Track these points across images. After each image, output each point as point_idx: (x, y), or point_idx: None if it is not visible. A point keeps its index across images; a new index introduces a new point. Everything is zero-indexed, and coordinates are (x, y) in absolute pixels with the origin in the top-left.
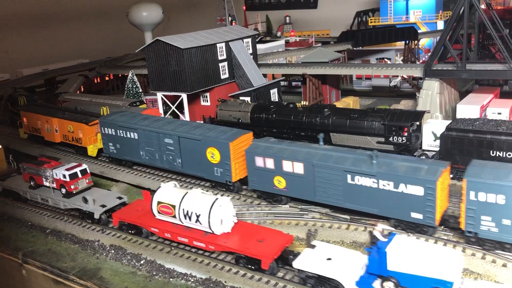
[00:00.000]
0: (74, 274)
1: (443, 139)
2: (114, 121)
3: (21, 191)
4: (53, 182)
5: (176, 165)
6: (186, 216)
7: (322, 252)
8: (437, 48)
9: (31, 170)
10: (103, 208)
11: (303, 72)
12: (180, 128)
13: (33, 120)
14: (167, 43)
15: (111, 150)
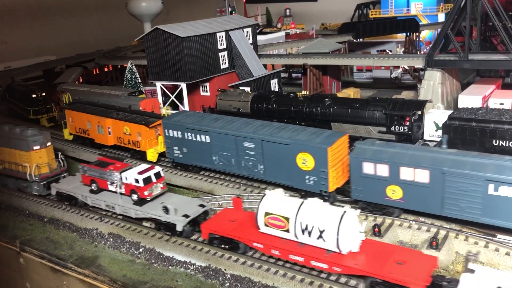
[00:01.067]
0: (72, 262)
1: (446, 128)
2: (181, 122)
3: (80, 195)
4: (121, 187)
5: (256, 172)
6: (304, 231)
7: (485, 279)
8: (439, 38)
9: (94, 173)
10: (186, 218)
11: (304, 63)
12: (262, 130)
13: (81, 120)
14: (167, 31)
15: (175, 154)
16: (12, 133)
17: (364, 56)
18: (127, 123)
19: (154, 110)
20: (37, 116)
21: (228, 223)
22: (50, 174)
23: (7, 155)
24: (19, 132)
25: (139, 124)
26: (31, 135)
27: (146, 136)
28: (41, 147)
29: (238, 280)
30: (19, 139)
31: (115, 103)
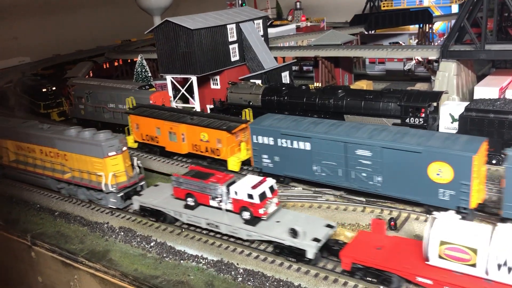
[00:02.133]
0: (83, 256)
1: (462, 120)
2: (274, 127)
3: (172, 211)
4: (228, 203)
5: (372, 184)
6: (500, 266)
7: None
8: (455, 28)
9: (191, 185)
10: (317, 243)
11: (316, 55)
12: (379, 135)
13: (148, 126)
14: (177, 24)
15: (264, 163)
16: (81, 137)
17: (378, 48)
18: (205, 129)
19: (165, 104)
20: (47, 110)
21: (374, 250)
22: (128, 183)
23: (76, 162)
24: (90, 136)
25: (219, 130)
26: (105, 139)
27: (228, 143)
28: (117, 152)
29: (251, 274)
30: (91, 144)
31: (125, 97)
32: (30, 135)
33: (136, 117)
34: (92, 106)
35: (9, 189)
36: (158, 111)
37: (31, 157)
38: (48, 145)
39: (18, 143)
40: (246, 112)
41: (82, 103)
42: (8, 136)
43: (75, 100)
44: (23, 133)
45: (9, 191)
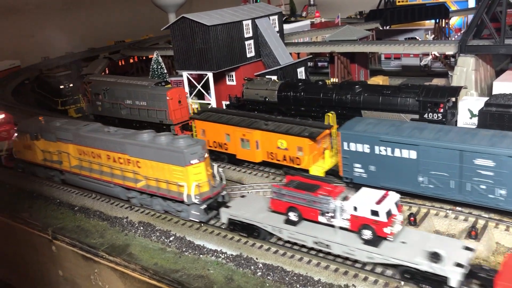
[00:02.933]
0: (103, 250)
1: (482, 115)
2: (371, 133)
3: (270, 226)
4: (342, 219)
5: (492, 198)
6: None
7: None
8: (474, 22)
9: (295, 198)
10: (461, 268)
11: (332, 50)
12: (502, 142)
13: (217, 132)
14: (193, 20)
15: (356, 173)
16: (158, 143)
17: (395, 43)
18: (284, 136)
19: (181, 100)
20: (65, 107)
21: None
22: (211, 194)
23: (151, 170)
24: (168, 141)
25: (300, 137)
26: (186, 145)
27: (310, 151)
28: (199, 160)
29: (271, 269)
30: (170, 151)
31: (142, 94)
32: (95, 139)
33: (202, 123)
34: (109, 103)
35: (30, 184)
36: (227, 116)
37: (97, 163)
38: (117, 151)
39: (81, 148)
40: (330, 116)
41: (99, 99)
42: (69, 140)
43: (92, 96)
44: (88, 137)
45: (29, 186)
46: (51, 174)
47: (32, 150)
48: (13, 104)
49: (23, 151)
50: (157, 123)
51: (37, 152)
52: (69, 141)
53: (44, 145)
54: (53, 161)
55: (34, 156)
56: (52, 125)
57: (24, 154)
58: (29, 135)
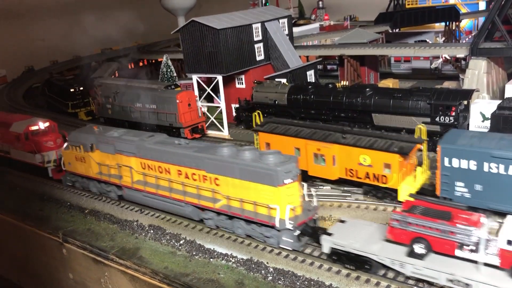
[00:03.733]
0: (114, 253)
1: (494, 119)
2: (478, 147)
3: (387, 259)
4: (489, 254)
5: None
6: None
7: None
8: (485, 25)
9: (423, 227)
10: None
11: (341, 53)
12: None
13: (284, 145)
14: (203, 23)
15: (458, 193)
16: (243, 159)
17: (405, 46)
18: (367, 151)
19: (191, 103)
20: (75, 110)
21: None
22: (306, 218)
23: (233, 189)
24: (255, 157)
25: (389, 152)
26: (279, 162)
27: (399, 167)
28: (293, 179)
29: (281, 273)
30: (259, 169)
31: (152, 97)
32: (164, 152)
33: (267, 135)
34: (119, 106)
35: (40, 186)
36: (295, 128)
37: (165, 179)
38: (191, 166)
39: (146, 161)
40: (421, 129)
41: (109, 102)
42: (132, 152)
43: (102, 99)
44: (154, 150)
45: (40, 189)
46: (107, 189)
47: (85, 163)
48: (24, 107)
49: (74, 163)
50: (167, 126)
51: (92, 165)
52: (131, 154)
53: (100, 157)
54: (110, 175)
55: (88, 169)
56: (110, 136)
57: (76, 166)
58: (83, 146)
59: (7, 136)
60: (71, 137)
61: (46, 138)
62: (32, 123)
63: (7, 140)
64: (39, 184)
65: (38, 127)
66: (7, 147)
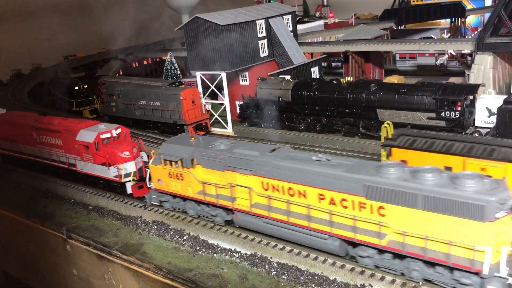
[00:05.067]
0: (117, 249)
1: (501, 113)
2: None
3: None
4: None
5: None
6: None
7: None
8: (491, 20)
9: None
10: None
11: (346, 49)
12: None
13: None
14: (207, 20)
15: None
16: (423, 182)
17: (410, 42)
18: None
19: (195, 100)
20: (79, 108)
21: None
22: None
23: (409, 222)
24: (442, 180)
25: None
26: (487, 189)
27: None
28: (507, 212)
29: (285, 268)
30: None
31: (156, 94)
32: (297, 170)
33: (404, 152)
34: (123, 103)
35: (45, 183)
36: (443, 142)
37: (299, 205)
38: (341, 190)
39: (271, 181)
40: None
41: (114, 100)
42: (251, 170)
43: (106, 97)
44: (284, 168)
45: (44, 186)
46: (211, 212)
47: (183, 180)
48: (29, 105)
49: (166, 181)
50: (171, 123)
51: (192, 184)
52: (250, 172)
53: (204, 174)
54: (218, 196)
55: (186, 188)
56: (217, 149)
57: (169, 184)
58: (182, 160)
59: (72, 145)
60: (163, 149)
61: (121, 147)
62: (102, 130)
63: (72, 151)
64: (44, 181)
65: (111, 135)
66: (72, 158)
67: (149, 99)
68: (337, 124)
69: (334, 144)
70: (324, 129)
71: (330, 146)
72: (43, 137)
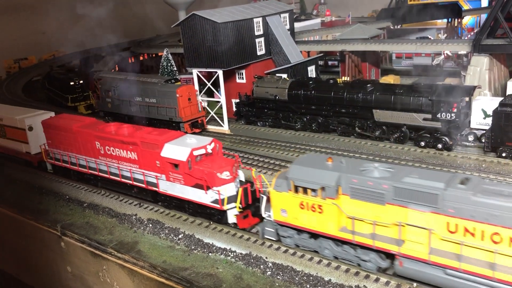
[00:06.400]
0: (112, 247)
1: (496, 116)
2: None
3: None
4: None
5: None
6: None
7: None
8: (488, 21)
9: None
10: None
11: (343, 49)
12: None
13: None
14: (203, 17)
15: None
16: None
17: (407, 42)
18: None
19: (191, 97)
20: (75, 103)
21: None
22: None
23: None
24: None
25: None
26: None
27: None
28: None
29: (280, 268)
30: None
31: (152, 91)
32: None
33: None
34: (118, 99)
35: (39, 180)
36: None
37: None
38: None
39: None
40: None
41: (109, 96)
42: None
43: (102, 93)
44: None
45: (39, 182)
46: (361, 256)
47: (322, 214)
48: (25, 100)
49: (295, 212)
50: (167, 120)
51: (335, 218)
52: (429, 208)
53: (353, 207)
54: (375, 236)
55: (325, 224)
56: (371, 174)
57: (299, 217)
58: (323, 188)
59: (151, 161)
60: (294, 172)
61: (219, 165)
62: (195, 145)
63: (151, 167)
64: (38, 177)
65: (205, 151)
66: (151, 177)
67: (145, 96)
68: (333, 124)
69: (330, 144)
70: (320, 129)
71: (326, 145)
72: (110, 149)
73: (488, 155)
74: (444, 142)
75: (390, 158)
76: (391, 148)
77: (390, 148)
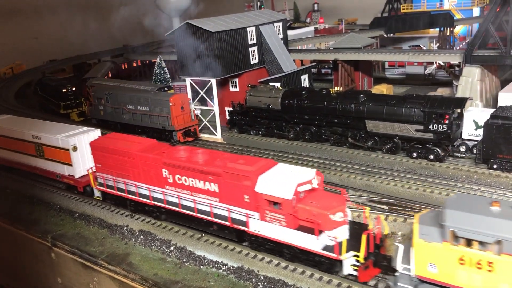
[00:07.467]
0: (103, 259)
1: (488, 127)
2: None
3: None
4: None
5: None
6: None
7: None
8: (479, 32)
9: None
10: None
11: (336, 58)
12: None
13: None
14: (197, 26)
15: None
16: None
17: (399, 52)
18: None
19: (184, 106)
20: (67, 110)
21: None
22: None
23: None
24: None
25: None
26: None
27: None
28: None
29: (272, 282)
30: None
31: (144, 99)
32: None
33: None
34: (111, 107)
35: (30, 189)
36: None
37: None
38: None
39: None
40: None
41: (102, 104)
42: None
43: (94, 100)
44: None
45: (30, 192)
46: None
47: (492, 272)
48: (16, 107)
49: (449, 268)
50: (160, 128)
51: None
52: None
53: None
54: None
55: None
56: None
57: (453, 274)
58: (499, 242)
59: (237, 195)
60: (453, 219)
61: (331, 205)
62: (298, 179)
63: (237, 202)
64: (29, 186)
65: (311, 186)
66: (240, 214)
67: (138, 104)
68: (326, 134)
69: (323, 154)
70: (312, 138)
71: (319, 155)
72: (182, 178)
73: (480, 166)
74: (436, 153)
75: (382, 169)
76: (383, 159)
77: (382, 158)
